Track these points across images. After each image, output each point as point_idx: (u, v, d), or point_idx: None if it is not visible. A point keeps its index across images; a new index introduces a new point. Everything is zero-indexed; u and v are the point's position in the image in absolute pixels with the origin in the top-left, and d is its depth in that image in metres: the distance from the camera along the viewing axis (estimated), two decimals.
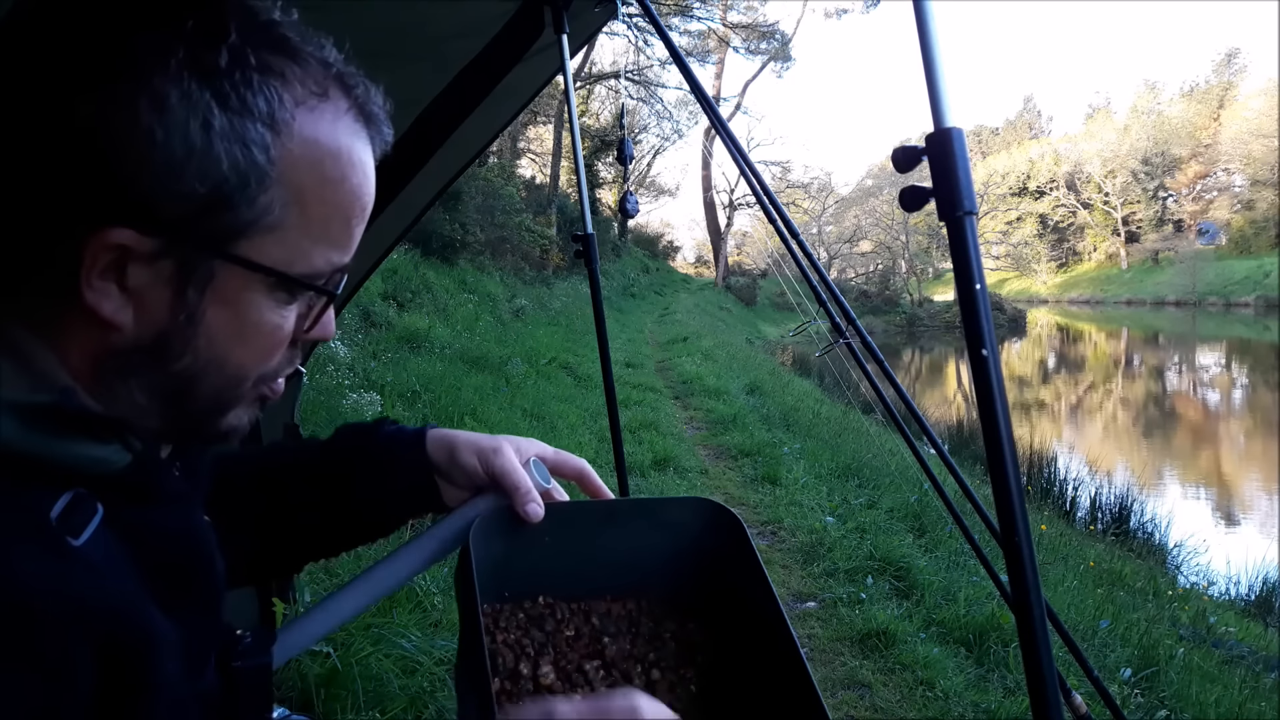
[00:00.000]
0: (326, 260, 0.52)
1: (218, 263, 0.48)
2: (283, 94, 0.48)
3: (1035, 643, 0.73)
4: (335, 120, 0.51)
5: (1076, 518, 7.47)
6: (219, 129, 0.45)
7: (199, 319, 0.49)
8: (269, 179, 0.48)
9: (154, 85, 0.44)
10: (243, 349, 0.52)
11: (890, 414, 2.16)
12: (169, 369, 0.50)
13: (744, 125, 40.55)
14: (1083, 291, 59.02)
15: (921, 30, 0.79)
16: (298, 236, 0.50)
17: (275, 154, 0.48)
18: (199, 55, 0.45)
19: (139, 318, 0.48)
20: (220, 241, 0.48)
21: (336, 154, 0.51)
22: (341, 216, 0.52)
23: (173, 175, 0.45)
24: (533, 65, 1.86)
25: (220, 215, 0.47)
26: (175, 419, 0.53)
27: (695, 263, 57.64)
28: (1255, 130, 50.10)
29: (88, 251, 0.45)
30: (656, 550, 0.78)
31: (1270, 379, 21.94)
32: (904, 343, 30.89)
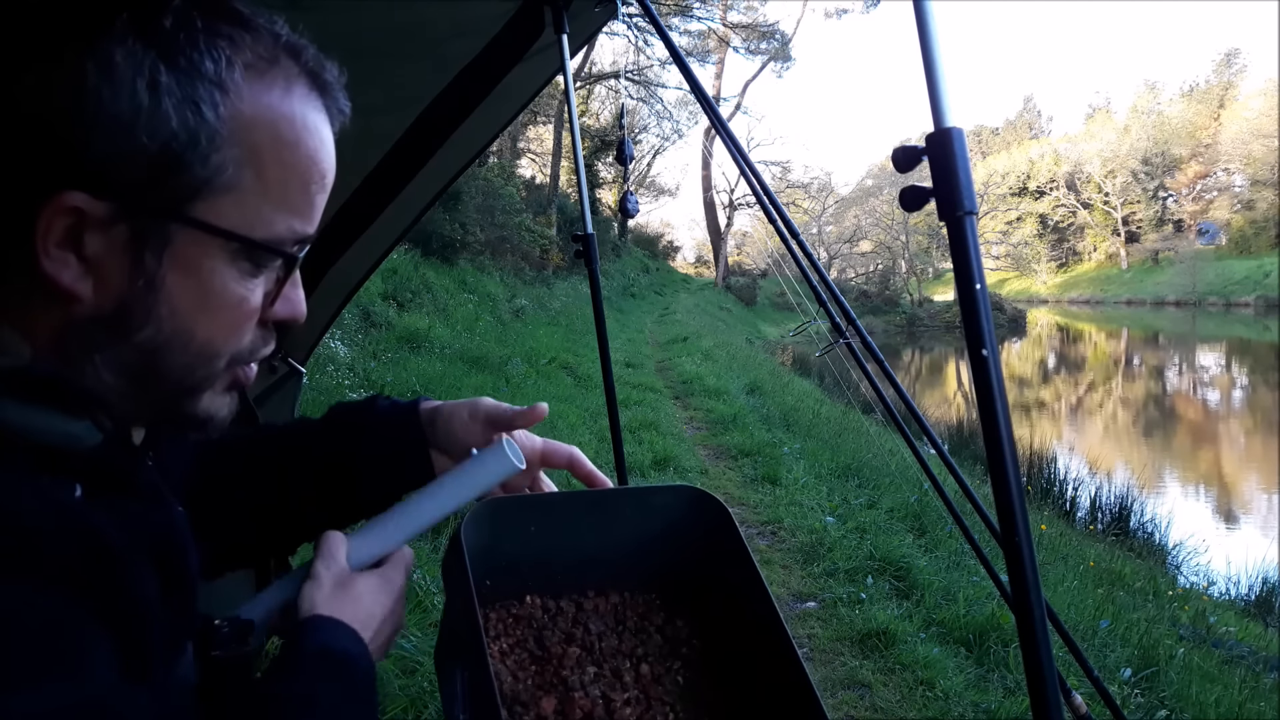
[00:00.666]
0: (288, 227, 0.51)
1: (175, 227, 0.47)
2: (231, 56, 0.47)
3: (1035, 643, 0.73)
4: (287, 86, 0.50)
5: (1076, 518, 7.47)
6: (165, 87, 0.45)
7: (159, 286, 0.48)
8: (219, 137, 0.47)
9: (99, 47, 0.44)
10: (208, 321, 0.50)
11: (890, 414, 2.16)
12: (131, 340, 0.49)
13: (744, 125, 40.58)
14: (1083, 291, 59.01)
15: (921, 30, 0.79)
16: (256, 200, 0.49)
17: (225, 113, 0.47)
18: (144, 18, 0.45)
19: (98, 288, 0.47)
20: (175, 203, 0.47)
21: (290, 118, 0.50)
22: (299, 180, 0.51)
23: (122, 135, 0.44)
24: (533, 65, 1.86)
25: (173, 176, 0.46)
26: (146, 400, 0.51)
27: (695, 263, 57.65)
28: (1255, 130, 50.09)
29: (43, 219, 0.44)
30: (642, 538, 0.78)
31: (1270, 379, 21.94)
32: (904, 343, 30.90)
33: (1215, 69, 60.78)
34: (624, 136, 2.32)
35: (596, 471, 0.79)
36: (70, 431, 0.47)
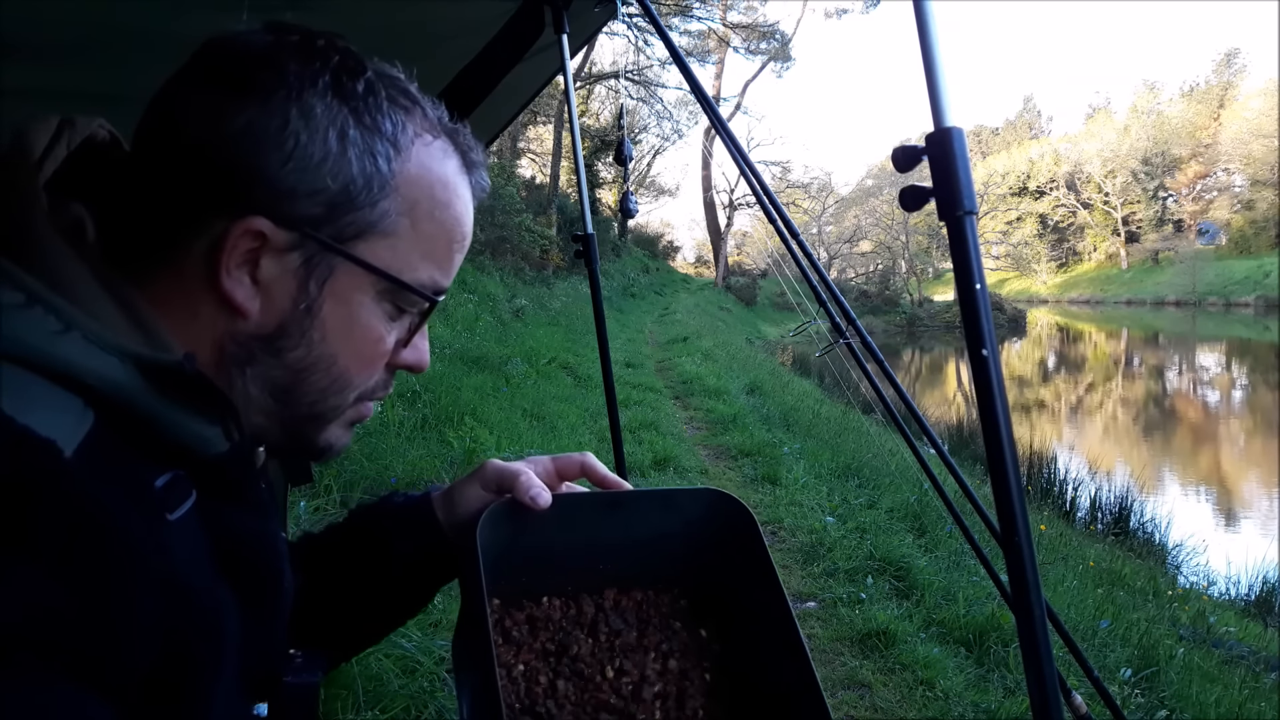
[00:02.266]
0: (430, 277, 0.58)
1: (338, 261, 0.54)
2: (405, 123, 0.55)
3: (1035, 643, 0.73)
4: (445, 156, 0.58)
5: (1076, 518, 7.47)
6: (352, 139, 0.53)
7: (316, 311, 0.54)
8: (388, 188, 0.54)
9: (304, 99, 0.51)
10: (350, 351, 0.56)
11: (890, 414, 2.16)
12: (284, 358, 0.54)
13: (744, 125, 40.60)
14: (1083, 291, 59.01)
15: (921, 30, 0.79)
16: (408, 247, 0.56)
17: (395, 168, 0.54)
18: (342, 81, 0.53)
19: (265, 307, 0.53)
20: (342, 239, 0.53)
21: (445, 182, 0.58)
22: (446, 237, 0.58)
23: (310, 173, 0.51)
24: (533, 65, 1.86)
25: (345, 215, 0.53)
26: (282, 417, 0.56)
27: (695, 263, 57.62)
28: (1255, 130, 50.10)
29: (229, 239, 0.51)
30: (663, 541, 0.77)
31: (1270, 379, 21.94)
32: (904, 343, 30.89)
33: (1215, 69, 60.82)
34: (623, 136, 2.32)
35: (611, 475, 0.79)
36: (203, 434, 0.50)
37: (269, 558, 0.58)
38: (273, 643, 0.60)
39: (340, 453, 0.61)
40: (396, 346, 0.59)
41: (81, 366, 0.45)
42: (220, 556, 0.52)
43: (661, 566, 0.77)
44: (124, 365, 0.46)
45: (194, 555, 0.49)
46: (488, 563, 0.63)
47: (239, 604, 0.52)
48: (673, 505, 0.79)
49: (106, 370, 0.46)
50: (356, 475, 3.96)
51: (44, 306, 0.45)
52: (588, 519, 0.75)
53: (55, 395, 0.44)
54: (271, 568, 0.58)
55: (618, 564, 0.76)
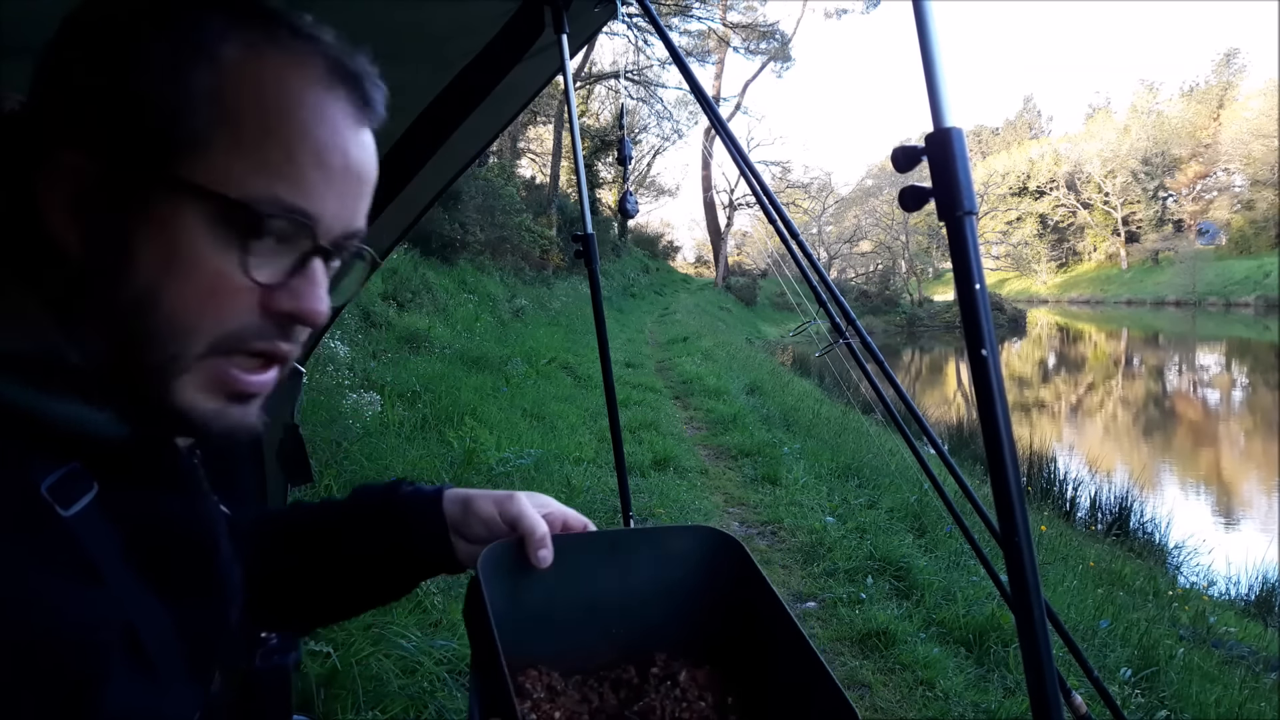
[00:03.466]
0: (270, 192, 0.49)
1: (152, 187, 0.48)
2: (221, 24, 0.49)
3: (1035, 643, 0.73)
4: (295, 67, 0.51)
5: (1076, 518, 7.47)
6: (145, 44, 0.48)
7: (129, 242, 0.48)
8: (201, 95, 0.48)
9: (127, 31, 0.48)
10: (175, 285, 0.48)
11: (890, 414, 2.16)
12: (109, 299, 0.49)
13: (744, 125, 40.61)
14: (1083, 291, 59.00)
15: (921, 30, 0.79)
16: (227, 160, 0.48)
17: (209, 82, 0.49)
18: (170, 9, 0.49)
19: (89, 247, 0.49)
20: (151, 161, 0.48)
21: (287, 92, 0.50)
22: (285, 147, 0.50)
23: (111, 101, 0.48)
24: (533, 65, 1.86)
25: (150, 136, 0.48)
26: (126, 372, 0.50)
27: (695, 263, 57.62)
28: (1255, 130, 50.10)
29: (44, 175, 0.48)
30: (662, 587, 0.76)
31: (1270, 379, 21.94)
32: (904, 343, 30.88)
33: (1215, 69, 60.81)
34: (623, 136, 2.32)
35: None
36: (91, 419, 0.48)
37: (196, 539, 0.55)
38: (216, 624, 0.58)
39: (218, 426, 0.52)
40: (272, 290, 0.51)
41: None
42: (133, 546, 0.50)
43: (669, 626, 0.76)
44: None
45: (99, 549, 0.47)
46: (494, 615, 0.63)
47: (167, 596, 0.51)
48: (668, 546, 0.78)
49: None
50: (356, 475, 3.96)
51: None
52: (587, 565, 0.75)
53: None
54: (200, 549, 0.56)
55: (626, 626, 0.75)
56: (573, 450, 5.60)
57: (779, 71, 35.88)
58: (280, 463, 2.05)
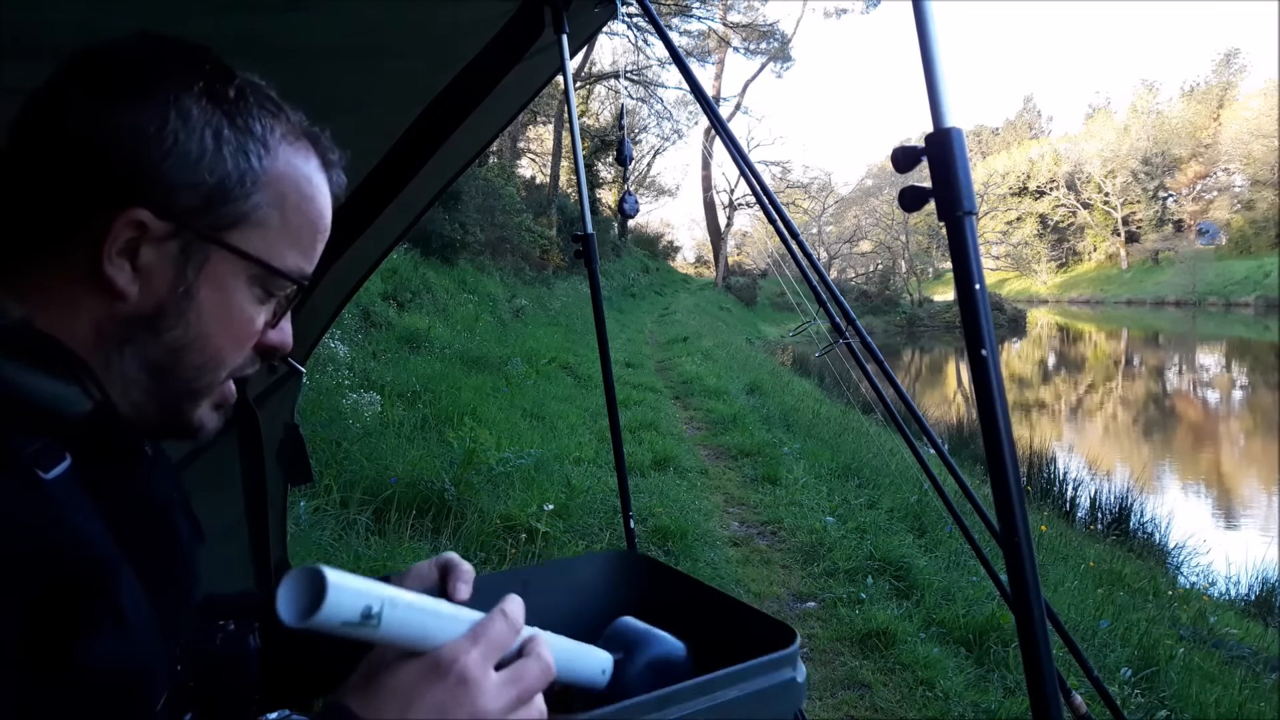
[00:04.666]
0: (296, 264, 0.63)
1: (213, 248, 0.58)
2: (273, 125, 0.61)
3: (1035, 643, 0.73)
4: (307, 157, 0.64)
5: (1076, 518, 7.46)
6: (226, 138, 0.58)
7: (193, 294, 0.58)
8: (260, 182, 0.59)
9: (181, 102, 0.56)
10: (223, 332, 0.60)
11: (890, 414, 2.16)
12: (161, 338, 0.58)
13: (744, 125, 40.58)
14: (1083, 291, 58.99)
15: (921, 30, 0.79)
16: (277, 236, 0.61)
17: (265, 165, 0.60)
18: (215, 87, 0.58)
19: (144, 291, 0.57)
20: (217, 229, 0.58)
21: (309, 178, 0.63)
22: (310, 228, 0.64)
23: (188, 169, 0.56)
24: (533, 65, 1.86)
25: (220, 206, 0.58)
26: (157, 395, 0.59)
27: (695, 263, 57.60)
28: (1255, 130, 50.06)
29: (113, 228, 0.55)
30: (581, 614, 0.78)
31: (1270, 379, 21.93)
32: (904, 343, 30.88)
33: (1215, 69, 60.77)
34: (624, 136, 2.32)
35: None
36: (60, 394, 0.53)
37: (160, 514, 0.61)
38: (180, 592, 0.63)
39: (211, 434, 0.64)
40: (264, 328, 0.64)
41: None
42: (106, 515, 0.54)
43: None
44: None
45: (76, 512, 0.51)
46: None
47: (136, 563, 0.54)
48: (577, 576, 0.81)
49: None
50: (357, 475, 3.96)
51: None
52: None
53: None
54: (162, 525, 0.61)
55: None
56: (573, 450, 5.60)
57: (779, 71, 35.92)
58: (280, 463, 2.05)
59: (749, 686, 0.65)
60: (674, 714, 0.61)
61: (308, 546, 3.13)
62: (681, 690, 0.61)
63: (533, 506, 4.09)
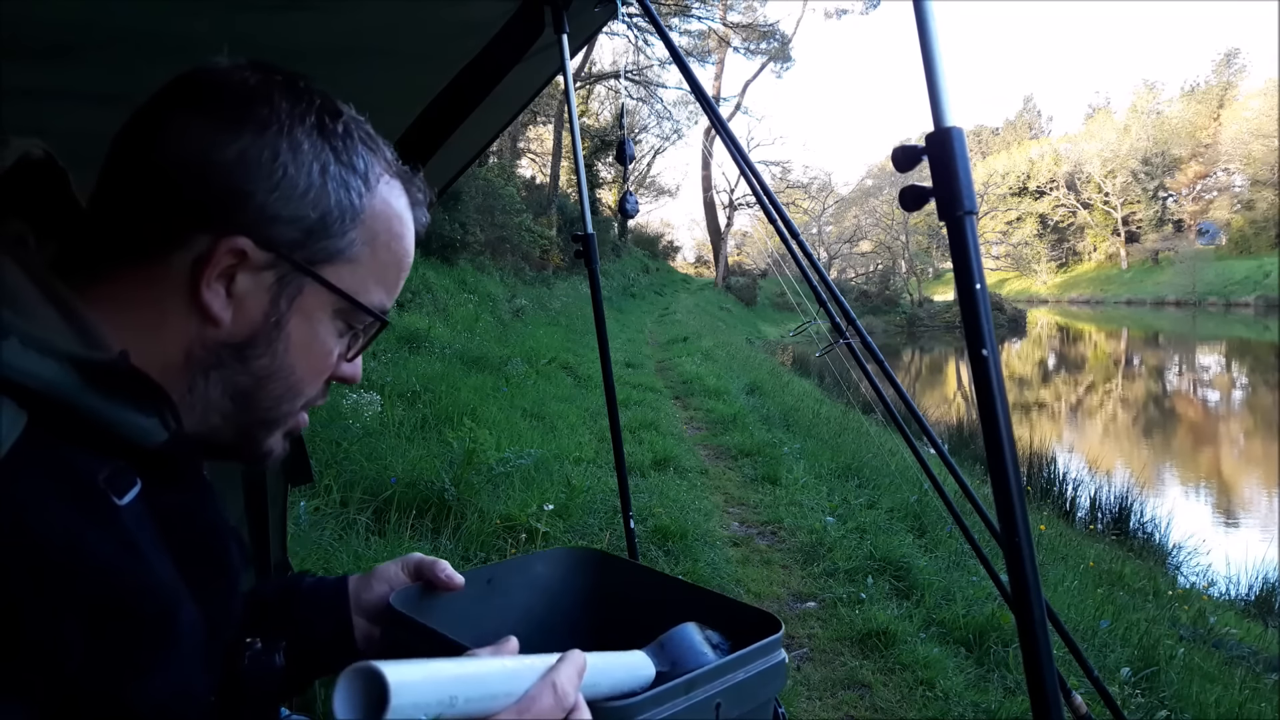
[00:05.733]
0: (380, 300, 0.64)
1: (307, 281, 0.59)
2: (374, 162, 0.62)
3: (1035, 643, 0.73)
4: (400, 195, 0.65)
5: (1076, 518, 7.46)
6: (332, 174, 0.59)
7: (284, 325, 0.59)
8: (358, 219, 0.60)
9: (293, 134, 0.57)
10: (305, 362, 0.62)
11: (890, 414, 2.16)
12: (250, 366, 0.59)
13: (744, 125, 40.58)
14: (1083, 291, 58.98)
15: (921, 29, 0.79)
16: (366, 273, 0.62)
17: (365, 202, 0.61)
18: (324, 121, 0.59)
19: (237, 318, 0.58)
20: (314, 263, 0.59)
21: (400, 217, 0.64)
22: (397, 266, 0.65)
23: (294, 202, 0.57)
24: (533, 65, 1.86)
25: (319, 241, 0.59)
26: (236, 419, 0.61)
27: (695, 263, 57.60)
28: (1255, 130, 50.07)
29: (215, 254, 0.55)
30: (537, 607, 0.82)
31: (1270, 379, 21.93)
32: (904, 343, 30.87)
33: (1215, 69, 60.77)
34: (624, 136, 2.32)
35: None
36: (140, 425, 0.53)
37: (215, 540, 0.61)
38: (231, 624, 0.63)
39: (277, 461, 0.65)
40: (339, 360, 0.65)
41: (16, 369, 0.47)
42: (169, 541, 0.54)
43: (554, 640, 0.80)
44: (60, 366, 0.49)
45: (147, 538, 0.52)
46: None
47: (193, 586, 0.55)
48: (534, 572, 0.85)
49: (42, 371, 0.48)
50: (357, 475, 3.96)
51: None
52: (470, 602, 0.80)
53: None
54: (217, 550, 0.61)
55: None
56: (573, 450, 5.60)
57: (779, 71, 35.90)
58: (280, 463, 2.05)
59: (754, 668, 0.69)
60: (699, 696, 0.65)
61: (308, 546, 3.13)
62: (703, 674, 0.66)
63: (533, 506, 4.08)
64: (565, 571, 0.86)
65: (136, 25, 1.26)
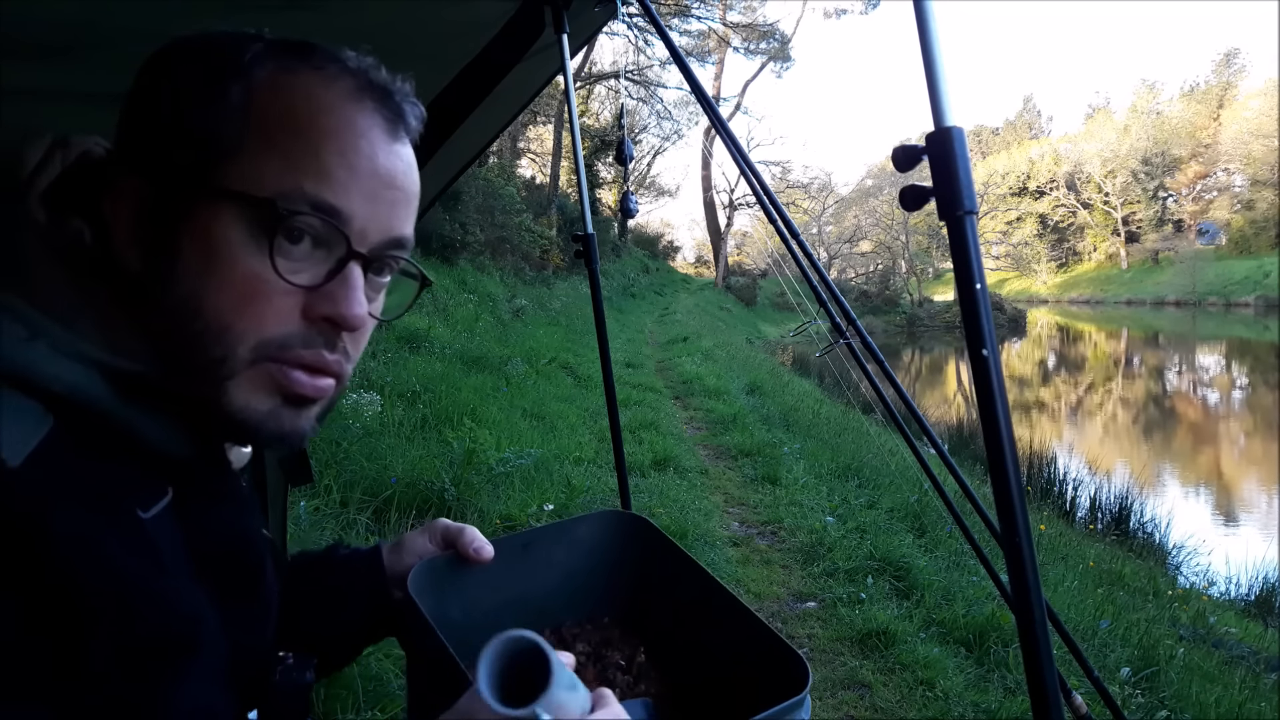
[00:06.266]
0: (298, 187, 0.51)
1: (194, 198, 0.51)
2: (262, 57, 0.53)
3: (1035, 643, 0.73)
4: (322, 82, 0.54)
5: (1076, 518, 7.46)
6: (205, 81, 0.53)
7: (176, 252, 0.51)
8: (234, 114, 0.52)
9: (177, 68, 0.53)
10: (215, 288, 0.50)
11: (890, 414, 2.16)
12: (159, 306, 0.51)
13: (744, 125, 40.58)
14: (1083, 291, 58.97)
15: (922, 28, 0.79)
16: (257, 163, 0.51)
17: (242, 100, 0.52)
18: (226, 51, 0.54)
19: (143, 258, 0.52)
20: (191, 175, 0.51)
21: (312, 98, 0.53)
22: (313, 147, 0.52)
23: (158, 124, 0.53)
24: (533, 65, 1.86)
25: (191, 151, 0.52)
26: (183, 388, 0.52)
27: (695, 263, 57.60)
28: (1255, 130, 50.05)
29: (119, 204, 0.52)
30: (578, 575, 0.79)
31: (1270, 379, 21.93)
32: (904, 343, 30.87)
33: (1215, 69, 60.73)
34: (624, 136, 2.32)
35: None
36: (169, 435, 0.52)
37: (248, 553, 0.59)
38: (261, 639, 0.61)
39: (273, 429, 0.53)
40: (311, 294, 0.53)
41: (44, 373, 0.46)
42: (197, 554, 0.53)
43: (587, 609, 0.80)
44: (89, 372, 0.48)
45: (171, 552, 0.50)
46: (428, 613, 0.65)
47: (219, 600, 0.53)
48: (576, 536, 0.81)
49: (70, 376, 0.47)
50: (356, 475, 3.96)
51: (12, 315, 0.47)
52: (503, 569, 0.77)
53: (12, 402, 0.45)
54: (251, 562, 0.60)
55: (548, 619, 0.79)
56: (573, 450, 5.60)
57: (779, 71, 35.90)
58: (280, 463, 2.05)
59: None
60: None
61: (308, 547, 3.14)
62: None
63: (533, 506, 4.09)
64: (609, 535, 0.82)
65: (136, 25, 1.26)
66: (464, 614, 0.74)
